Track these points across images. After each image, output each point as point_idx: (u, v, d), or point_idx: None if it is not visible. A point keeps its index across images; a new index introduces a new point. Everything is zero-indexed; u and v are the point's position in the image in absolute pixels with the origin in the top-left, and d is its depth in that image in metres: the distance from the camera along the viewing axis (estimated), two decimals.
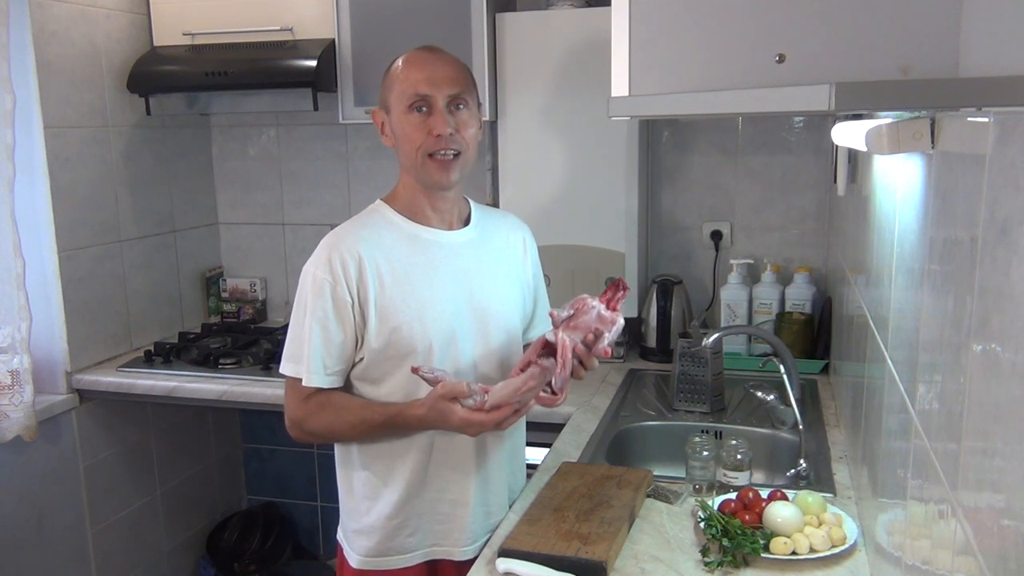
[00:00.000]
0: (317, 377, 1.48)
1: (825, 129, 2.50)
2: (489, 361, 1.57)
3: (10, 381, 2.24)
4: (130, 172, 2.68)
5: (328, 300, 1.46)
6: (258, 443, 3.20)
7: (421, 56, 1.51)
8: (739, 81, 1.06)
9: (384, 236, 1.51)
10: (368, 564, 1.56)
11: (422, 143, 1.47)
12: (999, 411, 0.69)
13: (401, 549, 1.55)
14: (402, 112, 1.48)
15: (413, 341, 1.48)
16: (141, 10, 2.69)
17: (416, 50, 1.53)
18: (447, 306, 1.51)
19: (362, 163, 2.94)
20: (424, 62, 1.49)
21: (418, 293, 1.49)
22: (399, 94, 1.48)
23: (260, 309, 3.08)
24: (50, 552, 2.41)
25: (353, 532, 1.58)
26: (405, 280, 1.49)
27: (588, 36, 2.36)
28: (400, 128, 1.49)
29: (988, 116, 0.75)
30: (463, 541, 1.57)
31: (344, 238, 1.50)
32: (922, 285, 1.00)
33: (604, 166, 2.43)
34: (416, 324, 1.48)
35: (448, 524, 1.56)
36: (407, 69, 1.49)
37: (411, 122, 1.48)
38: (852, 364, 1.79)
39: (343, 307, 1.46)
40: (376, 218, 1.55)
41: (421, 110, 1.47)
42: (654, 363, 2.52)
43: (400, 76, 1.49)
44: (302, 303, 1.50)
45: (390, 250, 1.50)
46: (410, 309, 1.48)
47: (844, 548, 1.38)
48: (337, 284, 1.46)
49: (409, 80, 1.47)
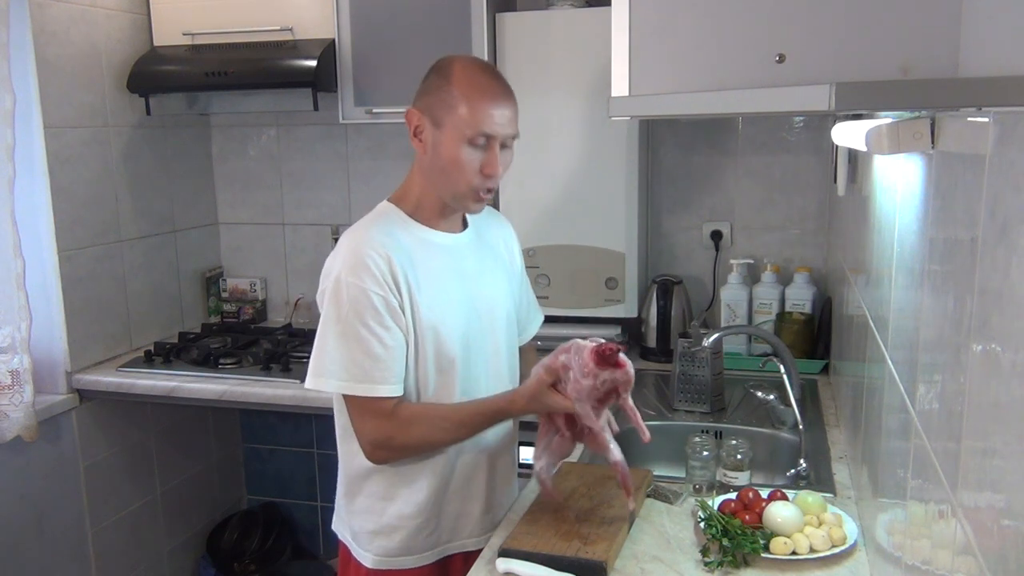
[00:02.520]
0: (393, 388, 1.43)
1: (825, 129, 2.50)
2: (498, 361, 1.58)
3: (10, 381, 2.24)
4: (130, 172, 2.68)
5: (378, 307, 1.40)
6: (258, 443, 3.20)
7: (489, 85, 1.44)
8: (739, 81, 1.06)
9: (402, 240, 1.47)
10: (385, 564, 1.55)
11: (472, 177, 1.43)
12: (999, 411, 0.69)
13: (421, 548, 1.55)
14: (459, 140, 1.41)
15: (440, 347, 1.47)
16: (141, 10, 2.69)
17: (478, 71, 1.45)
18: (461, 309, 1.51)
19: (362, 163, 2.94)
20: (494, 95, 1.43)
21: (440, 298, 1.48)
22: (462, 121, 1.41)
23: (260, 309, 3.08)
24: (50, 552, 2.41)
25: (369, 533, 1.56)
26: (427, 285, 1.47)
27: (588, 36, 2.36)
28: (450, 154, 1.42)
29: (988, 116, 0.75)
30: (475, 532, 1.59)
31: (370, 241, 1.43)
32: (922, 285, 1.00)
33: (604, 166, 2.43)
34: (442, 329, 1.47)
35: (463, 520, 1.57)
36: (478, 98, 1.41)
37: (467, 155, 1.42)
38: (852, 364, 1.79)
39: (393, 310, 1.42)
40: (389, 221, 1.50)
41: (480, 145, 1.43)
42: (654, 363, 2.52)
43: (465, 102, 1.41)
44: (341, 316, 1.41)
45: (410, 254, 1.46)
46: (435, 315, 1.46)
47: (844, 548, 1.38)
48: (381, 288, 1.40)
49: (479, 113, 1.40)
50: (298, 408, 2.38)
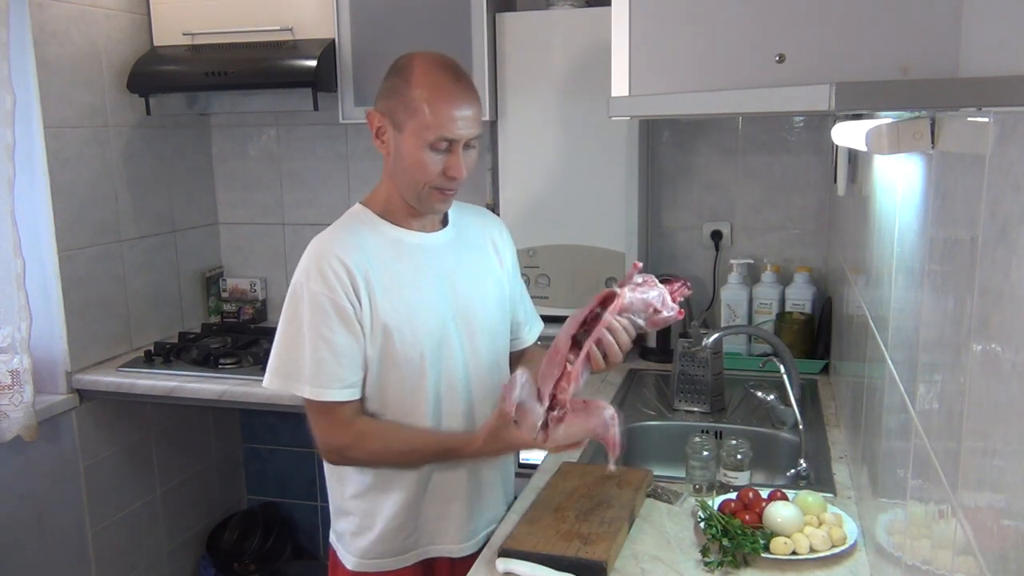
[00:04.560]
0: (341, 392, 1.44)
1: (825, 129, 2.50)
2: (478, 363, 1.55)
3: (10, 381, 2.24)
4: (130, 172, 2.68)
5: (330, 311, 1.42)
6: (258, 443, 3.20)
7: (448, 88, 1.42)
8: (739, 81, 1.06)
9: (368, 242, 1.48)
10: (365, 566, 1.55)
11: (433, 179, 1.44)
12: (999, 411, 0.69)
13: (400, 549, 1.55)
14: (420, 144, 1.41)
15: (405, 347, 1.46)
16: (141, 10, 2.69)
17: (437, 70, 1.43)
18: (435, 309, 1.49)
19: (362, 163, 2.94)
20: (452, 97, 1.41)
21: (407, 298, 1.47)
22: (421, 126, 1.40)
23: (260, 309, 3.08)
24: (50, 552, 2.41)
25: (349, 534, 1.57)
26: (393, 286, 1.46)
27: (588, 36, 2.36)
28: (411, 157, 1.43)
29: (988, 116, 0.75)
30: (459, 538, 1.57)
31: (331, 246, 1.45)
32: (922, 285, 1.00)
33: (604, 166, 2.43)
34: (407, 330, 1.46)
35: (444, 522, 1.56)
36: (435, 102, 1.40)
37: (430, 158, 1.42)
38: (852, 364, 1.79)
39: (346, 315, 1.43)
40: (358, 224, 1.51)
41: (442, 149, 1.42)
42: (654, 363, 2.51)
43: (424, 107, 1.40)
44: (295, 318, 1.44)
45: (376, 256, 1.47)
46: (400, 315, 1.46)
47: (844, 548, 1.38)
48: (335, 294, 1.42)
49: (438, 117, 1.39)
50: (298, 408, 2.34)
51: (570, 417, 1.38)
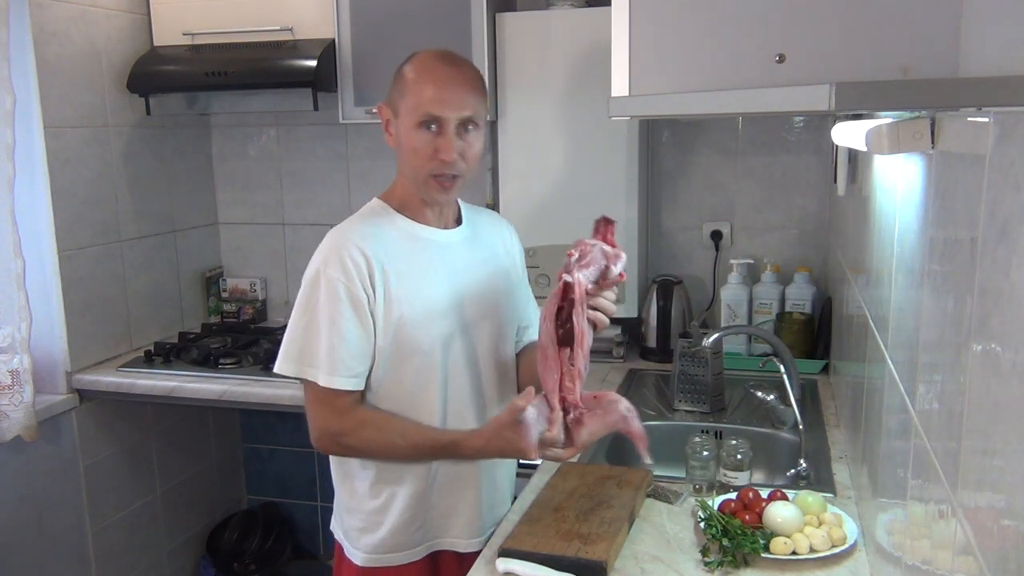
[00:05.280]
0: (346, 381, 1.44)
1: (825, 129, 2.50)
2: (485, 359, 1.57)
3: (10, 381, 2.24)
4: (130, 172, 2.68)
5: (344, 300, 1.43)
6: (258, 443, 3.20)
7: (437, 68, 1.44)
8: (739, 81, 1.06)
9: (386, 234, 1.50)
10: (374, 561, 1.55)
11: (427, 162, 1.44)
12: (999, 411, 0.69)
13: (409, 544, 1.55)
14: (411, 126, 1.43)
15: (418, 339, 1.47)
16: (141, 10, 2.69)
17: (432, 57, 1.46)
18: (447, 304, 1.51)
19: (362, 163, 2.94)
20: (440, 78, 1.42)
21: (421, 291, 1.48)
22: (410, 106, 1.42)
23: (260, 309, 3.08)
24: (50, 552, 2.41)
25: (358, 530, 1.57)
26: (409, 278, 1.48)
27: (588, 36, 2.36)
28: (406, 140, 1.45)
29: (988, 116, 0.75)
30: (467, 533, 1.57)
31: (350, 236, 1.47)
32: (922, 285, 1.00)
33: (604, 166, 2.43)
34: (421, 322, 1.47)
35: (453, 517, 1.57)
36: (421, 81, 1.42)
37: (419, 139, 1.43)
38: (852, 364, 1.79)
39: (360, 306, 1.43)
40: (375, 217, 1.53)
41: (430, 128, 1.43)
42: (654, 363, 2.51)
43: (412, 87, 1.43)
44: (312, 304, 1.44)
45: (393, 249, 1.48)
46: (414, 307, 1.47)
47: (844, 548, 1.38)
48: (351, 283, 1.43)
49: (422, 96, 1.41)
50: (298, 408, 2.37)
51: (587, 417, 1.39)
